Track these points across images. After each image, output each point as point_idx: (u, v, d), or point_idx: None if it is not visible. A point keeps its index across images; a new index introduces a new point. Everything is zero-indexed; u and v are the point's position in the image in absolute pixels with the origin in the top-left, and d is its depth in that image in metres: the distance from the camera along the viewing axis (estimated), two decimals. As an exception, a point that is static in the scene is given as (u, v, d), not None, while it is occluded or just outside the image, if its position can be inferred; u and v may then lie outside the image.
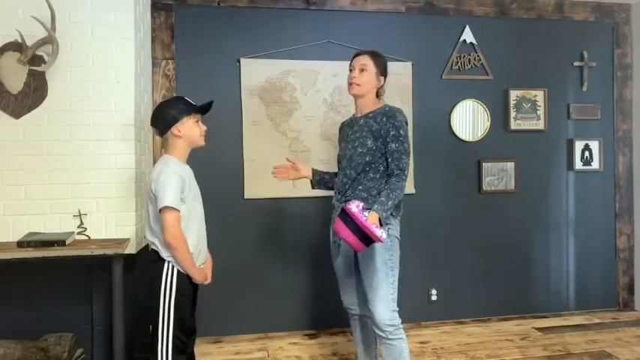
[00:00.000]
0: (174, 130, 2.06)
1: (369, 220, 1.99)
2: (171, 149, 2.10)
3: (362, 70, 2.24)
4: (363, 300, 2.32)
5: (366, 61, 2.26)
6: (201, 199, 2.17)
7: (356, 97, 2.29)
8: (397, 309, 2.19)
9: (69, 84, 2.45)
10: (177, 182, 1.98)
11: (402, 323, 2.19)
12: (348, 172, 2.24)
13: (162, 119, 2.07)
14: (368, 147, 2.19)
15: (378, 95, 2.32)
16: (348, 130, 2.35)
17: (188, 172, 2.10)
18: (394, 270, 2.18)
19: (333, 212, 2.33)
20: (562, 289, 3.70)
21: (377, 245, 2.14)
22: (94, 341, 2.49)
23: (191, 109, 2.09)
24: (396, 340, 2.17)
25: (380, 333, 2.18)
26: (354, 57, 2.31)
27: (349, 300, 2.38)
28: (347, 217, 1.99)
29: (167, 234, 1.96)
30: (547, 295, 3.66)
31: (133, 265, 2.52)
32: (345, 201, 2.20)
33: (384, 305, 2.14)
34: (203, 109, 2.15)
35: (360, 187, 2.19)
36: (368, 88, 2.26)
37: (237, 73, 3.22)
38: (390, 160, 2.18)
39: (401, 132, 2.17)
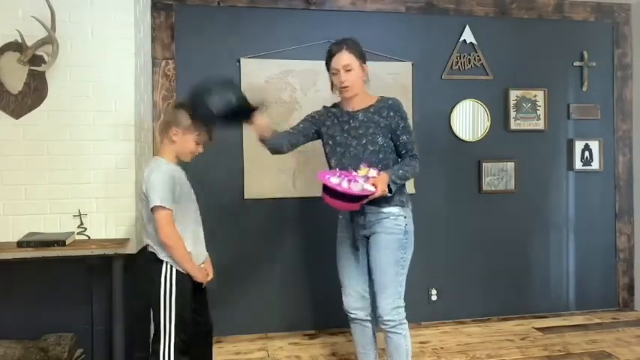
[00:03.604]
0: (172, 131, 2.07)
1: (360, 173, 2.01)
2: (161, 152, 2.12)
3: (348, 71, 2.16)
4: (364, 305, 2.33)
5: (347, 59, 2.15)
6: (195, 199, 2.18)
7: (351, 97, 2.22)
8: (402, 305, 2.21)
9: (69, 84, 2.45)
10: (167, 182, 1.99)
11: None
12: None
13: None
14: (379, 144, 2.16)
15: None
16: (342, 123, 2.24)
17: (179, 172, 2.11)
18: (404, 268, 2.20)
19: (343, 215, 2.32)
20: (562, 289, 3.70)
21: (391, 243, 2.15)
22: (94, 341, 2.49)
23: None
24: (394, 335, 2.19)
25: (382, 325, 2.21)
26: (332, 57, 2.18)
27: (350, 303, 2.34)
28: (330, 190, 1.98)
29: (161, 233, 1.96)
30: (547, 295, 3.66)
31: (133, 265, 2.52)
32: (364, 205, 2.14)
33: (389, 302, 2.17)
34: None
35: None
36: (359, 85, 2.21)
37: (237, 73, 3.22)
38: (404, 152, 2.20)
39: (408, 122, 2.22)
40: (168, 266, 2.02)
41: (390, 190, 2.05)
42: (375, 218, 2.18)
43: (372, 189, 1.98)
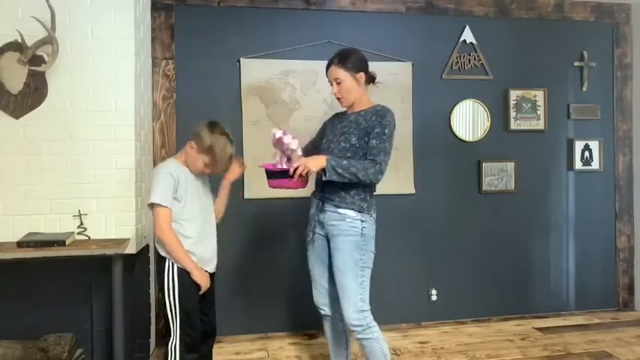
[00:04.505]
0: (189, 145, 2.13)
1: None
2: (177, 154, 2.21)
3: (338, 84, 2.24)
4: (333, 301, 2.34)
5: (336, 73, 2.23)
6: (205, 199, 2.22)
7: (349, 105, 2.31)
8: (367, 309, 2.19)
9: (69, 84, 2.44)
10: (166, 181, 2.05)
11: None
12: None
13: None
14: (351, 143, 2.19)
15: (372, 82, 2.31)
16: (337, 123, 2.35)
17: (186, 174, 2.14)
18: (364, 270, 2.18)
19: (311, 208, 2.34)
20: (562, 289, 3.70)
21: (349, 245, 2.16)
22: (94, 341, 2.49)
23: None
24: (364, 339, 2.19)
25: (352, 331, 2.22)
26: (326, 69, 2.29)
27: (320, 300, 2.39)
28: (270, 173, 2.18)
29: (156, 229, 2.05)
30: (547, 295, 3.66)
31: (133, 265, 2.52)
32: (323, 198, 2.23)
33: (352, 306, 2.16)
34: None
35: (340, 185, 2.17)
36: (354, 94, 2.25)
37: (237, 73, 3.22)
38: (368, 154, 2.15)
39: (385, 131, 2.15)
40: (170, 262, 2.08)
41: (324, 173, 2.07)
42: (331, 218, 2.20)
43: (288, 166, 2.11)
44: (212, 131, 2.10)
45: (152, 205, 2.05)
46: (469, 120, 3.53)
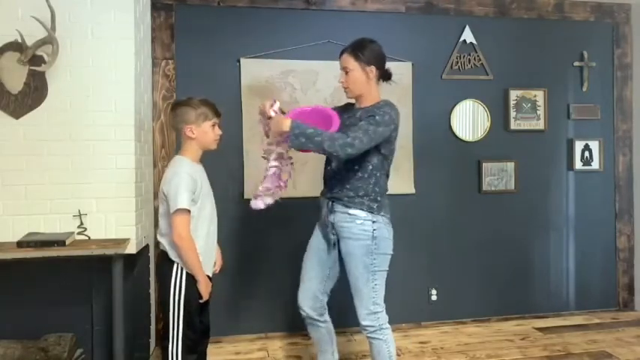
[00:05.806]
0: (187, 129, 2.11)
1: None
2: (183, 150, 2.16)
3: (346, 73, 2.20)
4: (316, 305, 2.33)
5: (346, 61, 2.19)
6: (212, 199, 2.21)
7: (355, 98, 2.27)
8: (380, 310, 2.18)
9: (69, 84, 2.44)
10: (189, 184, 2.03)
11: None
12: (333, 164, 2.22)
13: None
14: None
15: (387, 79, 2.27)
16: (345, 116, 2.27)
17: (200, 172, 2.15)
18: (376, 274, 2.16)
19: (321, 209, 2.31)
20: (562, 289, 3.70)
21: (359, 251, 2.14)
22: (94, 341, 2.49)
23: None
24: (374, 340, 2.19)
25: (362, 330, 2.22)
26: (339, 56, 2.25)
27: (302, 300, 2.35)
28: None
29: (175, 234, 2.01)
30: (547, 295, 3.66)
31: (133, 265, 2.52)
32: (332, 198, 2.20)
33: (364, 309, 2.17)
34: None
35: (348, 186, 2.16)
36: (359, 87, 2.20)
37: (237, 73, 3.22)
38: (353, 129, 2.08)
39: (376, 118, 2.05)
40: (179, 267, 2.07)
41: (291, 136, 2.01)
42: (342, 219, 2.18)
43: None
44: (178, 108, 2.15)
45: (175, 210, 2.01)
46: (469, 120, 3.53)
